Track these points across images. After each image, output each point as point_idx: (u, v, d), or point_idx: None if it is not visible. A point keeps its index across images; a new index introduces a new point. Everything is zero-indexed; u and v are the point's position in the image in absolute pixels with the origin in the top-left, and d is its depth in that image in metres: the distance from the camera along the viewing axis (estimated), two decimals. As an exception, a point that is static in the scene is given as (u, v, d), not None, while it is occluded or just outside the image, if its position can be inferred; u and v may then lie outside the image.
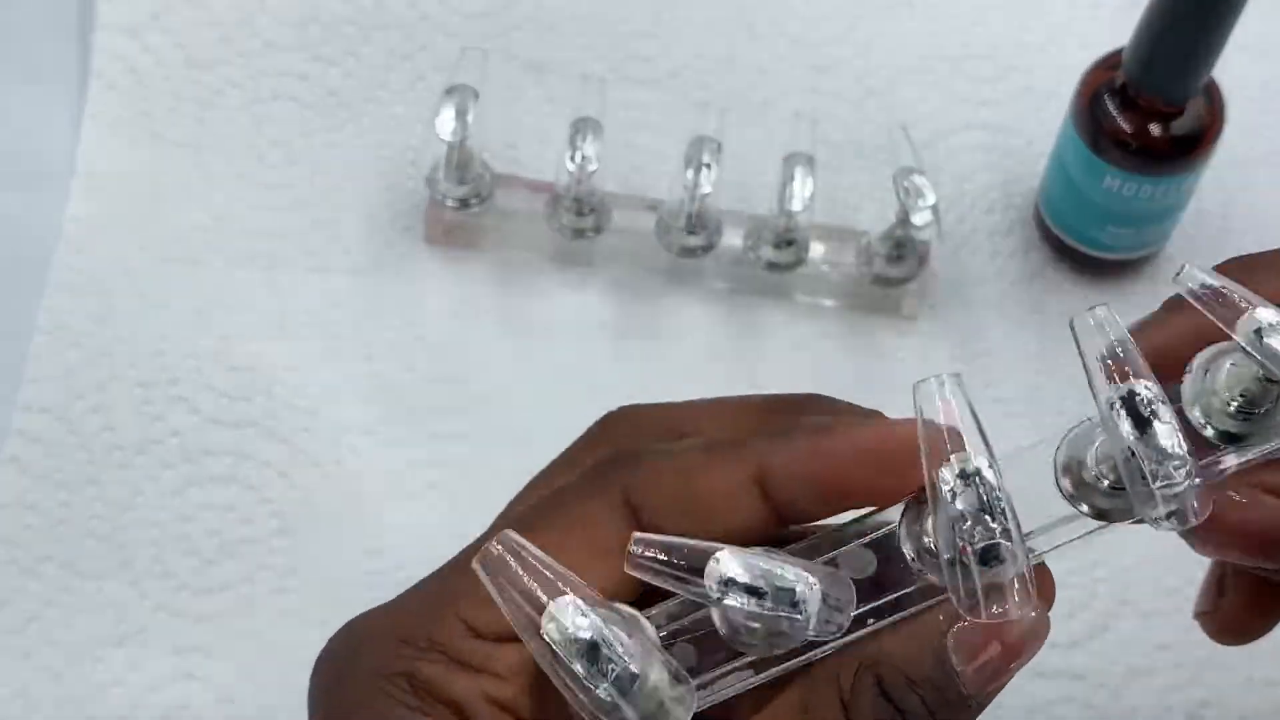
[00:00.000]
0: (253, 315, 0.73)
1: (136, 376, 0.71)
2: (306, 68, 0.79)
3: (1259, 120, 0.80)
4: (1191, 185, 0.72)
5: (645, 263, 0.75)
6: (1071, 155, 0.72)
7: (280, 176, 0.76)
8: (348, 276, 0.74)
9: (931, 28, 0.82)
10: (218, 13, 0.80)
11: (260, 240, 0.75)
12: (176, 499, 0.69)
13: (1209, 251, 0.77)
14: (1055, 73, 0.81)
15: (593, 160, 0.71)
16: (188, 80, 0.78)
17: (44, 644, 0.66)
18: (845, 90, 0.80)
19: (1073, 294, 0.76)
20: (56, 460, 0.69)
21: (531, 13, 0.80)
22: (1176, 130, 0.70)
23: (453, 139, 0.71)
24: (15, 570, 0.67)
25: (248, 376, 0.71)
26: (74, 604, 0.67)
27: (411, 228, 0.76)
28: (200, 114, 0.77)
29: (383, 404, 0.71)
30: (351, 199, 0.76)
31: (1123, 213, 0.72)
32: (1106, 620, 0.69)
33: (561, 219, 0.74)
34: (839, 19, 0.82)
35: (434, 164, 0.73)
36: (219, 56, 0.79)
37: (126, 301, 0.73)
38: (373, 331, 0.73)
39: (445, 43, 0.79)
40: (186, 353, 0.72)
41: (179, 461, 0.69)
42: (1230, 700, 0.67)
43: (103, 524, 0.68)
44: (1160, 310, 0.46)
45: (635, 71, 0.80)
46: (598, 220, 0.74)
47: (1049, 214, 0.75)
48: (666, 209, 0.73)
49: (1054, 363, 0.74)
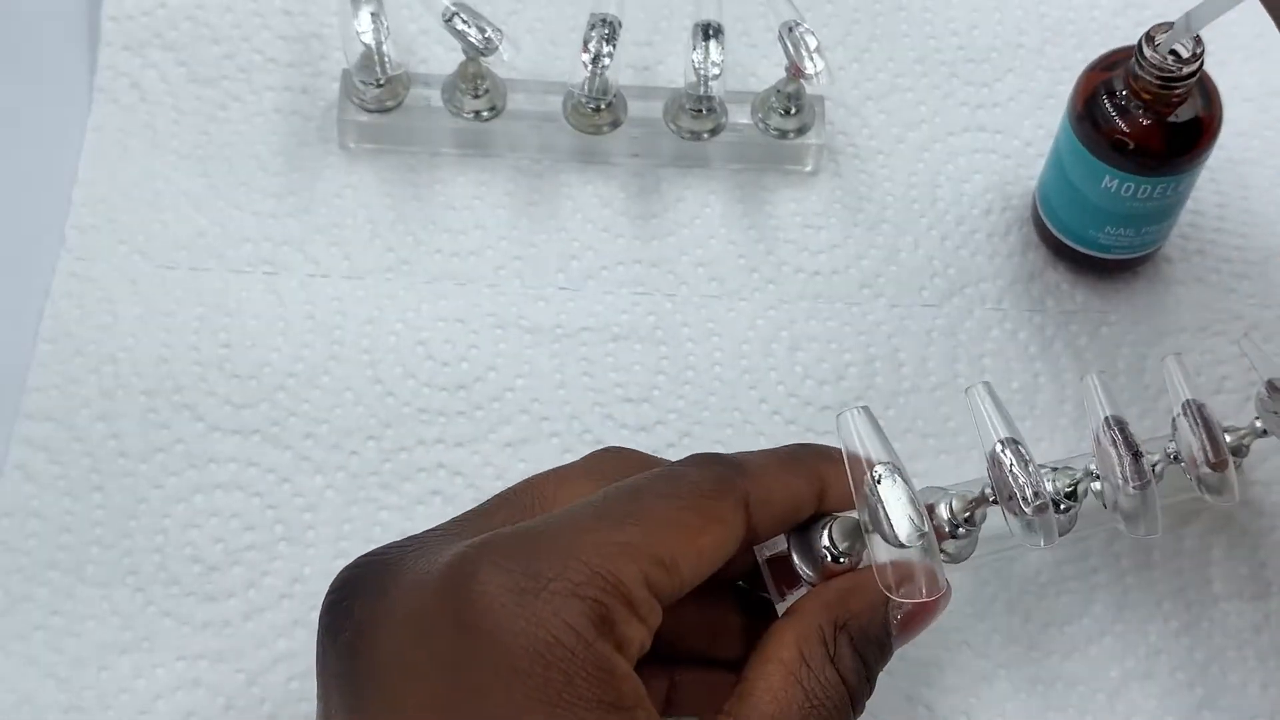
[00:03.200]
0: (256, 322, 0.73)
1: (141, 384, 0.71)
2: (307, 82, 0.79)
3: (1256, 120, 0.80)
4: (1189, 185, 0.72)
5: (550, 144, 0.78)
6: (1069, 156, 0.72)
7: (283, 184, 0.77)
8: (348, 281, 0.75)
9: (928, 30, 0.83)
10: (220, 30, 0.80)
11: (263, 247, 0.75)
12: (182, 506, 0.69)
13: (1207, 251, 0.77)
14: (1052, 74, 0.82)
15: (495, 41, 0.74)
16: (190, 95, 0.79)
17: (50, 651, 0.66)
18: (845, 95, 0.80)
19: (1071, 294, 0.76)
20: (61, 468, 0.69)
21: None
22: (1174, 131, 0.70)
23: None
24: (20, 578, 0.67)
25: (252, 383, 0.72)
26: (80, 611, 0.67)
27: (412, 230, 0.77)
28: (204, 127, 0.78)
29: (387, 410, 0.72)
30: (352, 205, 0.77)
31: (1120, 213, 0.72)
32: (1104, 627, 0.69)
33: (462, 104, 0.77)
34: (837, 23, 0.82)
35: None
36: (222, 72, 0.79)
37: (130, 309, 0.73)
38: (376, 336, 0.73)
39: (444, 56, 0.80)
40: (190, 360, 0.72)
41: (184, 468, 0.70)
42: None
43: (108, 531, 0.68)
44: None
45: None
46: (492, 101, 0.77)
47: (1047, 215, 0.76)
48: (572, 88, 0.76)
49: (1054, 363, 0.75)
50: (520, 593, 0.46)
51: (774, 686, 0.51)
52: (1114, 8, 0.83)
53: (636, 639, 0.48)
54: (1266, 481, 0.72)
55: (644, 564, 0.48)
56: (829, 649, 0.52)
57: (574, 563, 0.47)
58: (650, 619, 0.49)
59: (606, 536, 0.48)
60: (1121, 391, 0.74)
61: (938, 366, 0.74)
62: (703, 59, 0.74)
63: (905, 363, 0.74)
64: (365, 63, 0.75)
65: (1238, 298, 0.76)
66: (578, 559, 0.47)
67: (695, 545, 0.50)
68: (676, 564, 0.49)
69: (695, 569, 0.50)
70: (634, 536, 0.48)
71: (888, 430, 0.72)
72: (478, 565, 0.47)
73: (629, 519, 0.49)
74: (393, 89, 0.76)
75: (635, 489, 0.51)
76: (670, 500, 0.50)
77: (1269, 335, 0.75)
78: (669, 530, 0.50)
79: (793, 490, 0.54)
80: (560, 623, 0.46)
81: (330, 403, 0.71)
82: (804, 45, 0.74)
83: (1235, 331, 0.75)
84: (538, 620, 0.46)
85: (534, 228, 0.77)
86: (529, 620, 0.46)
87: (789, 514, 0.54)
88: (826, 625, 0.52)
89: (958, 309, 0.76)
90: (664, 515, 0.50)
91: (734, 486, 0.52)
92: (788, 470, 0.55)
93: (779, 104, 0.77)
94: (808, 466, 0.55)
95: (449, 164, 0.78)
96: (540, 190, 0.78)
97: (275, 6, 0.81)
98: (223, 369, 0.72)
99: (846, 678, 0.52)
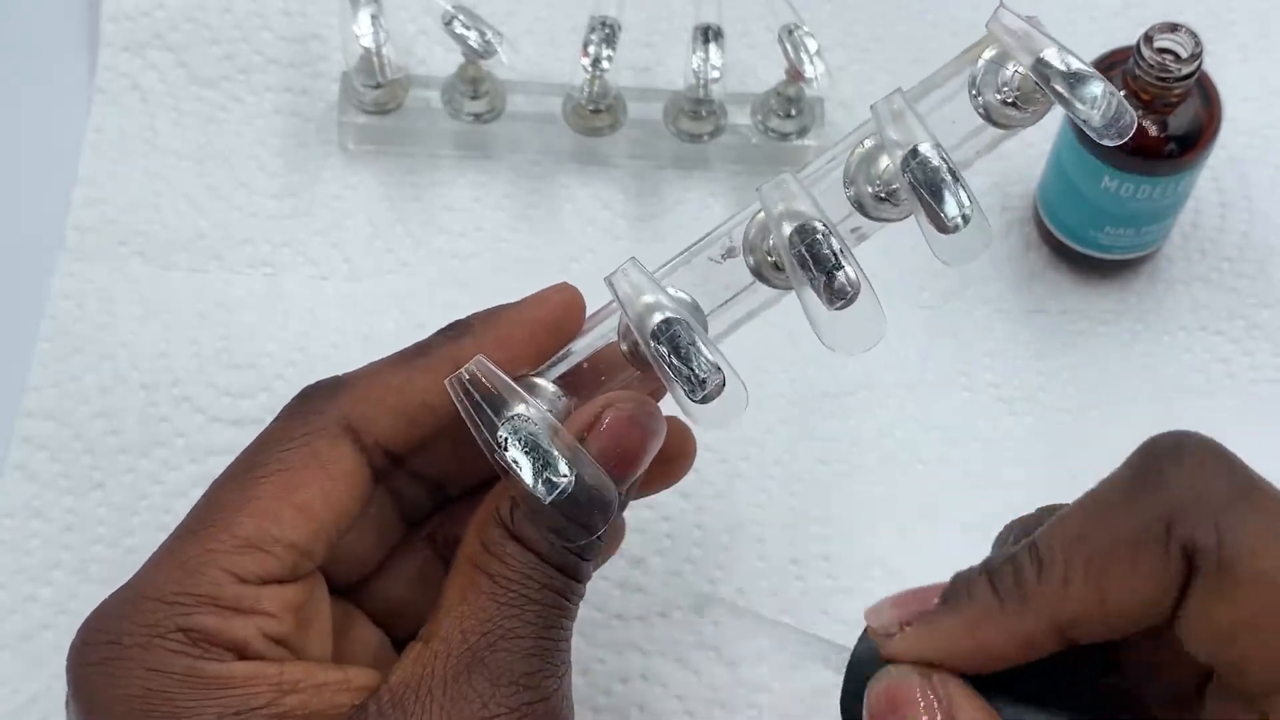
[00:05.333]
0: (256, 321, 0.73)
1: (140, 379, 0.71)
2: (307, 84, 0.80)
3: (1256, 119, 0.80)
4: (1189, 185, 0.72)
5: (549, 146, 0.78)
6: (1069, 156, 0.72)
7: (283, 186, 0.77)
8: (348, 283, 0.75)
9: (928, 30, 0.83)
10: (220, 31, 0.80)
11: (263, 248, 0.75)
12: (183, 501, 0.68)
13: (1208, 250, 0.77)
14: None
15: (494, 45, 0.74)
16: (190, 96, 0.79)
17: (56, 651, 0.65)
18: (845, 96, 0.80)
19: (1072, 294, 0.76)
20: (62, 465, 0.69)
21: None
22: (1174, 130, 0.70)
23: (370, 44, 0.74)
24: (24, 578, 0.67)
25: (250, 375, 0.72)
26: (85, 610, 0.65)
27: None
28: (204, 128, 0.78)
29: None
30: (352, 207, 0.77)
31: (1121, 213, 0.72)
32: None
33: (461, 106, 0.76)
34: (837, 23, 0.83)
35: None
36: (221, 73, 0.79)
37: (129, 310, 0.73)
38: (375, 325, 0.73)
39: (444, 58, 0.80)
40: (190, 354, 0.72)
41: (185, 463, 0.70)
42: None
43: (110, 529, 0.68)
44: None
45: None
46: (491, 103, 0.77)
47: (1047, 215, 0.76)
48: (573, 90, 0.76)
49: (1054, 362, 0.75)
50: (105, 663, 0.46)
51: (462, 585, 0.48)
52: (1113, 8, 0.83)
53: (245, 629, 0.47)
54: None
55: (225, 563, 0.47)
56: (507, 525, 0.48)
57: (145, 605, 0.47)
58: (262, 604, 0.47)
59: (175, 561, 0.48)
60: (1122, 391, 0.74)
61: (938, 366, 0.74)
62: (703, 62, 0.74)
63: (906, 361, 0.74)
64: (365, 65, 0.75)
65: (1238, 297, 0.76)
66: (149, 598, 0.47)
67: (291, 505, 0.48)
68: (272, 537, 0.48)
69: (307, 525, 0.49)
70: (209, 542, 0.48)
71: (887, 431, 0.73)
72: (82, 652, 0.47)
73: (203, 525, 0.48)
74: (392, 91, 0.76)
75: (220, 479, 0.50)
76: (248, 475, 0.49)
77: (1269, 335, 0.75)
78: (248, 509, 0.48)
79: (415, 388, 0.51)
80: (141, 673, 0.46)
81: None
82: (804, 48, 0.74)
83: (1236, 331, 0.75)
84: (124, 683, 0.46)
85: (533, 230, 0.77)
86: (118, 686, 0.46)
87: (417, 412, 0.51)
88: (503, 503, 0.49)
89: (958, 309, 0.76)
90: (242, 495, 0.48)
91: (322, 421, 0.50)
92: (403, 368, 0.52)
93: (779, 106, 0.77)
94: (433, 355, 0.52)
95: (448, 166, 0.78)
96: (540, 192, 0.78)
97: (275, 8, 0.81)
98: (220, 361, 0.72)
99: (532, 544, 0.48)
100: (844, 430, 0.72)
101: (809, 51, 0.74)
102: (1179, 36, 0.68)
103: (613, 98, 0.76)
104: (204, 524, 0.48)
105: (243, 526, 0.48)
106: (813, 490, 0.71)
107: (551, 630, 0.48)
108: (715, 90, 0.75)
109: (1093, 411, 0.74)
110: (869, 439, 0.72)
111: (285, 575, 0.48)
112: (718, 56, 0.74)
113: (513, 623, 0.48)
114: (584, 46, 0.74)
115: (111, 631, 0.47)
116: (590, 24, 0.74)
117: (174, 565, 0.48)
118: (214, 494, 0.49)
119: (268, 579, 0.48)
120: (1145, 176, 0.70)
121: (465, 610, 0.48)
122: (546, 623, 0.48)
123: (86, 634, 0.48)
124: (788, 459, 0.72)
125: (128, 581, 0.48)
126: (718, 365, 0.47)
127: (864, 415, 0.73)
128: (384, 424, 0.51)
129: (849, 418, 0.73)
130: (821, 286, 0.48)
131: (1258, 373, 0.75)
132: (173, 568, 0.47)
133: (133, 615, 0.47)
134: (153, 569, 0.48)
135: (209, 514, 0.49)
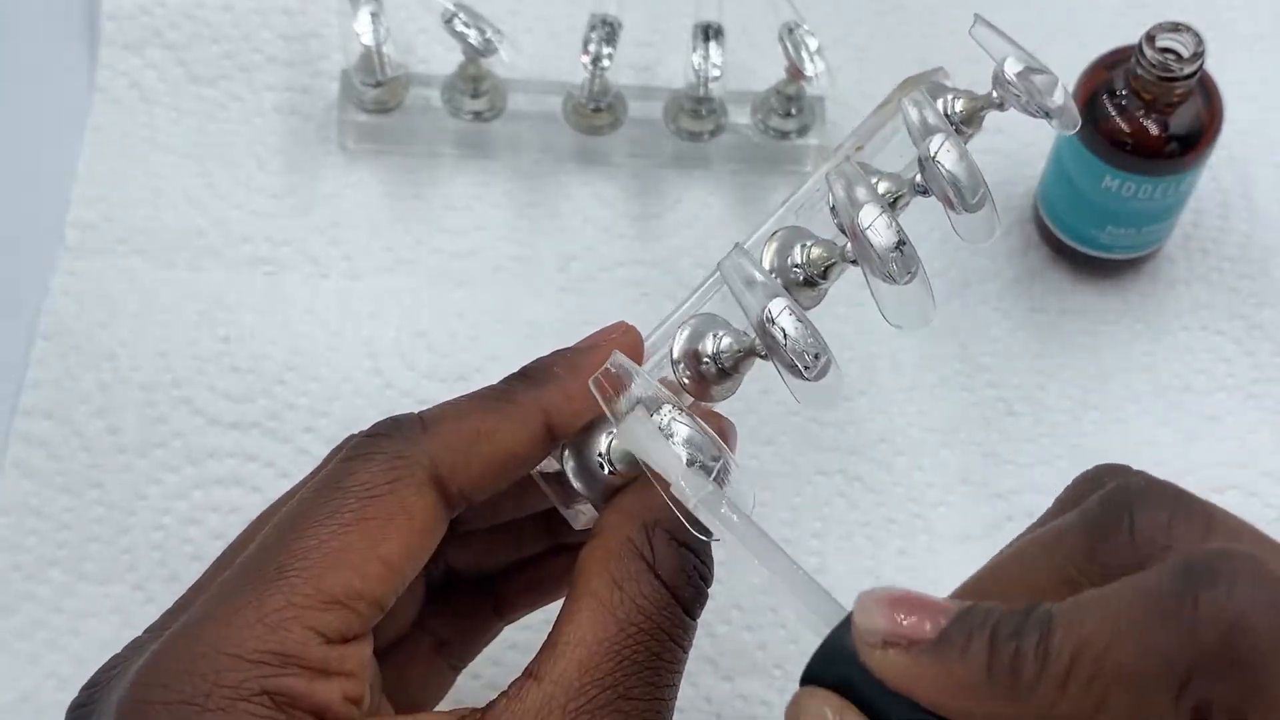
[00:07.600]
0: (255, 319, 0.73)
1: (139, 379, 0.71)
2: (307, 82, 0.79)
3: (1257, 119, 0.80)
4: (1190, 184, 0.72)
5: (549, 144, 0.78)
6: (1070, 155, 0.72)
7: (283, 184, 0.77)
8: (348, 281, 0.75)
9: (928, 30, 0.83)
10: (220, 29, 0.80)
11: (263, 247, 0.75)
12: (181, 501, 0.69)
13: (1209, 250, 0.77)
14: (1053, 73, 0.81)
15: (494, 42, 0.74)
16: (190, 94, 0.79)
17: (50, 650, 0.66)
18: (845, 95, 0.80)
19: (1073, 294, 0.76)
20: (60, 464, 0.69)
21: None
22: (1175, 130, 0.70)
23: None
24: (20, 576, 0.67)
25: (250, 377, 0.72)
26: (80, 609, 0.67)
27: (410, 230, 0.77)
28: (203, 126, 0.78)
29: (386, 402, 0.71)
30: (352, 205, 0.77)
31: (1121, 212, 0.72)
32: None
33: (461, 105, 0.77)
34: (837, 23, 0.82)
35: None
36: (221, 71, 0.79)
37: (128, 307, 0.73)
38: (374, 328, 0.73)
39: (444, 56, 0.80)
40: (189, 354, 0.72)
41: (183, 464, 0.69)
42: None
43: (107, 528, 0.68)
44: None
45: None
46: (492, 102, 0.77)
47: (1048, 214, 0.75)
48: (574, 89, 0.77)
49: (1054, 362, 0.74)
50: (182, 708, 0.43)
51: (582, 627, 0.45)
52: (1115, 7, 0.83)
53: (330, 692, 0.44)
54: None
55: (310, 620, 0.44)
56: (647, 557, 0.46)
57: (226, 661, 0.43)
58: (345, 664, 0.45)
59: (257, 615, 0.44)
60: (1123, 391, 0.74)
61: (938, 366, 0.74)
62: (703, 60, 0.74)
63: (906, 363, 0.74)
64: (365, 63, 0.75)
65: (1239, 297, 0.76)
66: (230, 654, 0.43)
67: (378, 559, 0.46)
68: (357, 592, 0.45)
69: (389, 581, 0.46)
70: (292, 595, 0.44)
71: (889, 430, 0.73)
72: (143, 710, 0.43)
73: (283, 574, 0.45)
74: (392, 89, 0.76)
75: (294, 520, 0.46)
76: (331, 521, 0.46)
77: (1270, 335, 0.75)
78: (334, 561, 0.45)
79: (504, 435, 0.48)
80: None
81: (329, 395, 0.71)
82: (804, 47, 0.74)
83: (1237, 331, 0.75)
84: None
85: (533, 229, 0.77)
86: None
87: (505, 461, 0.48)
88: (635, 534, 0.46)
89: (958, 309, 0.76)
90: (326, 546, 0.45)
91: (409, 468, 0.47)
92: (490, 413, 0.49)
93: (779, 105, 0.77)
94: (520, 402, 0.49)
95: (448, 164, 0.78)
96: (540, 191, 0.78)
97: (275, 6, 0.81)
98: (220, 363, 0.72)
99: (673, 582, 0.46)
100: (844, 438, 0.72)
101: (809, 50, 0.74)
102: (1181, 36, 0.68)
103: (613, 96, 0.76)
104: (283, 572, 0.45)
105: (329, 581, 0.45)
106: (812, 500, 0.71)
107: (674, 677, 0.46)
108: (715, 89, 0.75)
109: (1093, 411, 0.73)
110: (869, 443, 0.72)
111: (363, 632, 0.46)
112: (718, 55, 0.74)
113: (636, 669, 0.45)
114: (584, 45, 0.74)
115: (184, 691, 0.43)
116: (590, 22, 0.74)
117: (255, 619, 0.44)
118: (288, 537, 0.46)
119: (349, 637, 0.45)
120: (1146, 176, 0.70)
121: (583, 654, 0.45)
122: (670, 670, 0.46)
123: (145, 690, 0.43)
124: (789, 469, 0.72)
125: (187, 629, 0.45)
126: (825, 345, 0.48)
127: (865, 420, 0.73)
128: (473, 473, 0.48)
129: (848, 425, 0.73)
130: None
131: (1259, 372, 0.74)
132: (254, 622, 0.44)
133: (213, 674, 0.43)
134: (228, 620, 0.44)
135: (287, 560, 0.45)
